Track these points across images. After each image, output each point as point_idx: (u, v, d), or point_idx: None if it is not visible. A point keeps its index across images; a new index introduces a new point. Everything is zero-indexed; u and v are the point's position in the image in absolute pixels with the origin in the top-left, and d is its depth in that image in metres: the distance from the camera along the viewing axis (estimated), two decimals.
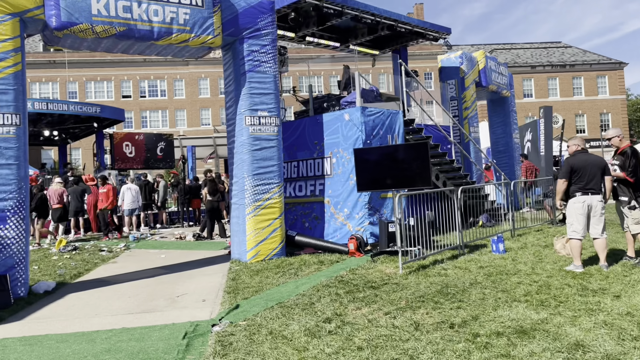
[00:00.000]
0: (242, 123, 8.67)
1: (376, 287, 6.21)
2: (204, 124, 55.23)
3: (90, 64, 52.53)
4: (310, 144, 10.00)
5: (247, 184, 8.61)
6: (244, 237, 8.66)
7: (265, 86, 8.79)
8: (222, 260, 9.40)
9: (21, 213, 6.78)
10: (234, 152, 8.88)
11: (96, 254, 11.09)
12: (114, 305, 6.30)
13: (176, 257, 10.16)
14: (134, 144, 27.17)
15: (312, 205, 9.97)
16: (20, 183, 6.79)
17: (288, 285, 6.73)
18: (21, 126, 6.86)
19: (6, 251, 6.63)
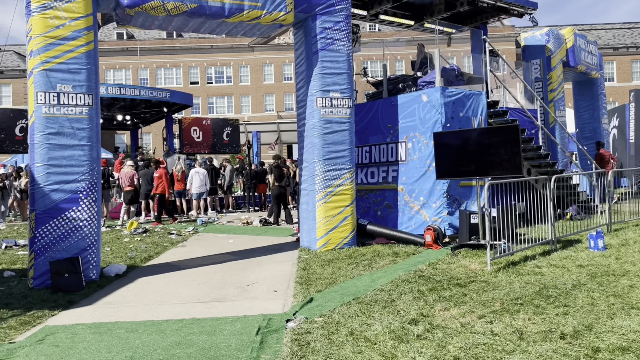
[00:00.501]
0: (313, 105, 8.22)
1: (463, 285, 5.60)
2: (268, 110, 55.68)
3: (160, 51, 54.14)
4: (383, 127, 9.42)
5: (317, 169, 8.18)
6: (313, 225, 8.26)
7: (338, 66, 8.28)
8: (290, 248, 9.08)
9: (93, 195, 6.71)
10: (304, 135, 8.46)
11: (165, 237, 11.12)
12: (184, 292, 6.09)
13: (244, 243, 9.96)
14: (202, 129, 27.59)
15: (385, 193, 9.41)
16: (92, 164, 6.71)
17: (363, 278, 6.25)
18: (94, 106, 6.76)
19: (78, 233, 6.58)
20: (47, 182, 6.44)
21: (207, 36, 56.18)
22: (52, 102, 6.49)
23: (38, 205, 6.42)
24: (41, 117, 6.46)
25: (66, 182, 6.53)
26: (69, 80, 6.58)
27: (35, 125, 6.47)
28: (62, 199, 6.50)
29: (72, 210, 6.55)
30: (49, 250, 6.41)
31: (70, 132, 6.57)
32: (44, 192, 6.43)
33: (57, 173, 6.49)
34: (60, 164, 6.51)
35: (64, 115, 6.55)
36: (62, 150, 6.52)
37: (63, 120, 6.55)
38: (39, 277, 6.34)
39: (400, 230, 8.73)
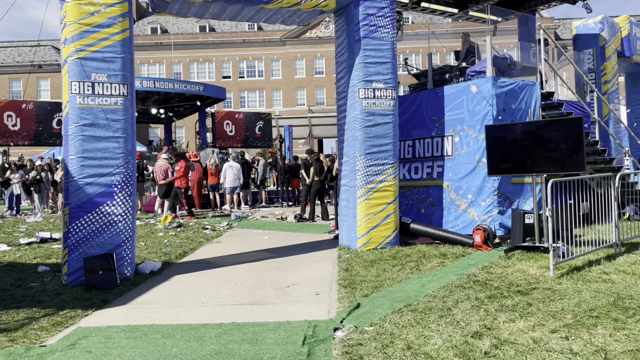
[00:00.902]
0: (354, 96, 7.78)
1: (525, 293, 5.09)
2: (299, 104, 55.45)
3: (193, 45, 54.53)
4: (428, 120, 8.90)
5: (358, 164, 7.74)
6: (354, 223, 7.84)
7: (381, 54, 7.81)
8: (328, 246, 8.69)
9: (128, 188, 6.46)
10: (345, 128, 8.03)
11: (200, 232, 10.89)
12: (221, 292, 5.77)
13: (280, 239, 9.63)
14: (234, 123, 27.48)
15: (429, 190, 8.90)
16: (127, 157, 6.45)
17: (412, 282, 5.80)
18: (129, 97, 6.50)
19: (113, 228, 6.34)
20: (82, 175, 6.22)
21: (240, 30, 56.24)
22: (87, 92, 6.26)
23: (72, 199, 6.21)
24: (75, 107, 6.23)
25: (100, 175, 6.29)
26: (103, 70, 6.33)
27: (70, 116, 6.24)
28: (97, 192, 6.27)
29: (107, 204, 6.31)
30: (83, 246, 6.19)
31: (105, 124, 6.33)
32: (78, 186, 6.21)
33: (91, 166, 6.26)
34: (95, 157, 6.28)
35: (98, 105, 6.31)
36: (96, 142, 6.28)
37: (98, 111, 6.30)
38: (72, 273, 6.13)
39: (447, 229, 8.22)
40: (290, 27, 55.77)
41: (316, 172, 12.13)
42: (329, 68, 54.80)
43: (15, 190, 14.96)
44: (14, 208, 15.10)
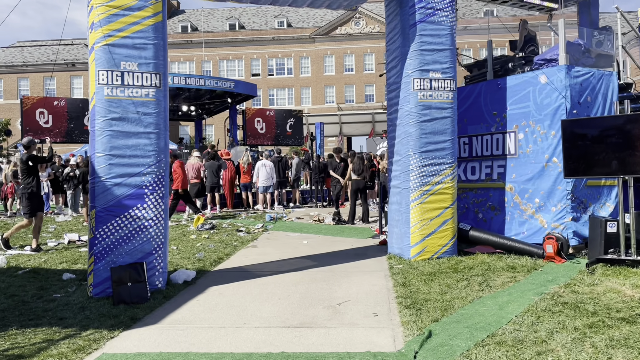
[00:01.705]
0: (408, 87, 6.96)
1: (631, 321, 4.20)
2: (329, 101, 54.76)
3: (223, 43, 54.40)
4: (487, 115, 8.01)
5: (412, 163, 6.93)
6: (407, 229, 7.02)
7: (439, 40, 6.97)
8: (375, 253, 7.90)
9: (160, 190, 5.80)
10: (396, 124, 7.22)
11: (234, 234, 10.25)
12: (264, 309, 5.05)
13: (320, 244, 8.89)
14: (265, 120, 26.95)
15: (488, 192, 8.01)
16: (159, 155, 5.80)
17: (486, 303, 4.96)
18: (161, 88, 5.84)
19: (143, 234, 5.70)
20: (109, 174, 5.59)
21: (269, 27, 55.85)
22: (115, 82, 5.62)
23: (99, 202, 5.58)
24: (103, 99, 5.60)
25: (130, 175, 5.65)
26: (134, 57, 5.69)
27: (96, 109, 5.62)
28: (126, 194, 5.63)
29: (137, 207, 5.67)
30: (110, 254, 5.56)
31: (135, 118, 5.68)
32: (105, 187, 5.58)
33: (120, 165, 5.63)
34: (124, 154, 5.64)
35: (128, 97, 5.67)
36: (126, 138, 5.65)
37: (127, 103, 5.66)
38: (99, 284, 5.51)
39: (512, 238, 7.31)
40: (320, 24, 55.08)
41: (355, 170, 11.34)
42: (359, 65, 53.94)
43: (43, 189, 14.45)
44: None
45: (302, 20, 57.87)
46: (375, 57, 53.76)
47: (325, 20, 56.18)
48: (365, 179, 11.44)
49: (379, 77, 53.73)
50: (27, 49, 53.74)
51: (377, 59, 53.70)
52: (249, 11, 60.20)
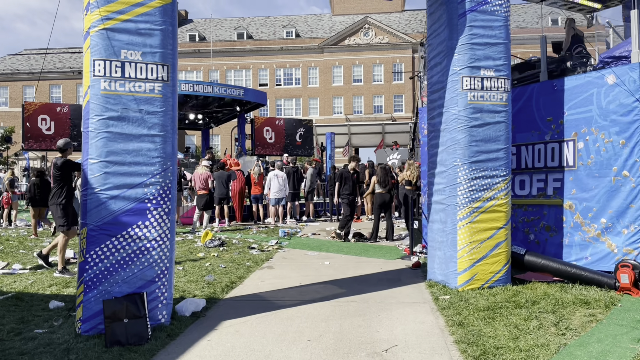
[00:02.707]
0: (456, 87, 5.98)
1: None
2: (336, 112, 54.01)
3: (230, 53, 53.88)
4: (539, 121, 7.00)
5: (461, 175, 5.92)
6: (453, 252, 5.99)
7: (492, 33, 6.00)
8: (410, 278, 6.88)
9: (166, 204, 4.81)
10: (440, 129, 6.23)
11: (246, 252, 9.24)
12: (292, 355, 4.04)
13: (344, 266, 7.87)
14: (274, 129, 26.07)
15: (542, 210, 6.97)
16: (165, 162, 4.82)
17: (574, 353, 3.91)
18: (169, 83, 4.88)
19: (145, 258, 4.70)
20: (105, 185, 4.62)
21: (277, 37, 55.30)
22: (115, 74, 4.67)
23: (91, 218, 4.60)
24: (99, 95, 4.65)
25: (130, 186, 4.68)
26: (137, 45, 4.74)
27: (91, 106, 4.66)
28: (124, 209, 4.65)
29: (138, 225, 4.68)
30: (104, 282, 4.57)
31: (138, 117, 4.72)
32: (99, 200, 4.60)
33: (118, 173, 4.65)
34: (123, 161, 4.68)
35: (129, 93, 4.71)
36: (125, 141, 4.68)
37: (128, 99, 4.71)
38: (89, 319, 4.50)
39: (577, 265, 6.24)
40: (328, 34, 54.47)
41: (380, 183, 10.33)
42: (367, 76, 53.21)
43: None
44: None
45: (311, 30, 57.36)
46: (384, 68, 53.06)
47: (334, 31, 55.63)
48: (391, 191, 10.44)
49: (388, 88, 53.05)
50: (34, 57, 53.35)
51: (386, 69, 53.01)
52: (257, 21, 59.77)
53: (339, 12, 58.76)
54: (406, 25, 55.70)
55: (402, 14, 57.95)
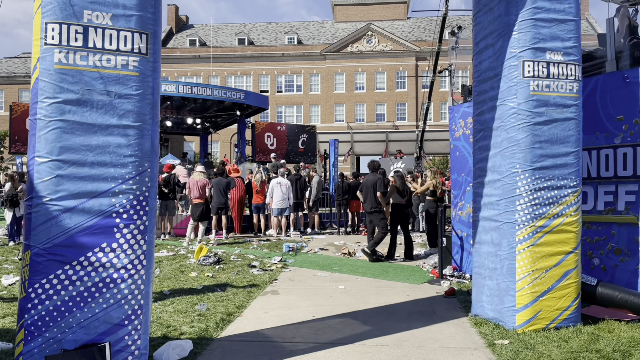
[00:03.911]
0: (514, 74, 4.75)
1: None
2: (338, 120, 52.96)
3: (231, 59, 52.93)
4: (606, 120, 5.77)
5: (521, 185, 4.68)
6: (509, 283, 4.73)
7: (561, 7, 4.78)
8: (446, 310, 5.61)
9: (141, 220, 3.56)
10: (492, 127, 4.99)
11: (245, 271, 7.97)
12: None
13: (362, 292, 6.60)
14: (276, 135, 24.93)
15: (610, 229, 5.71)
16: (141, 163, 3.58)
17: None
18: (149, 57, 3.65)
19: (110, 294, 3.44)
20: (57, 194, 3.38)
21: (279, 43, 54.33)
22: (74, 43, 3.44)
23: (37, 238, 3.35)
24: (51, 70, 3.41)
25: (92, 194, 3.44)
26: (106, 5, 3.52)
27: (41, 85, 3.43)
28: (83, 226, 3.41)
29: (102, 249, 3.43)
30: (52, 327, 3.31)
31: (105, 102, 3.49)
32: (49, 213, 3.36)
33: (75, 177, 3.41)
34: (84, 161, 3.44)
35: (93, 68, 3.48)
36: (87, 134, 3.45)
37: (92, 77, 3.48)
38: None
39: None
40: (331, 41, 53.51)
41: (400, 193, 9.06)
42: (370, 84, 52.22)
43: (18, 211, 10.97)
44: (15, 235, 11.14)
45: (313, 37, 56.47)
46: (387, 76, 52.06)
47: (336, 38, 54.73)
48: (411, 203, 9.19)
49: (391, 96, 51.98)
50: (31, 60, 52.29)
51: (389, 77, 52.01)
52: (258, 27, 58.88)
53: (341, 19, 57.94)
54: (409, 32, 54.81)
55: (406, 22, 57.10)
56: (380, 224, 8.93)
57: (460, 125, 7.37)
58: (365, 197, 9.11)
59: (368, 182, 9.08)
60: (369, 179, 9.12)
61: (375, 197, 8.91)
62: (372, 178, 9.10)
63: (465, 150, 7.29)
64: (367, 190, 9.04)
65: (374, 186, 8.95)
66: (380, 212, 8.92)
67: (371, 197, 8.98)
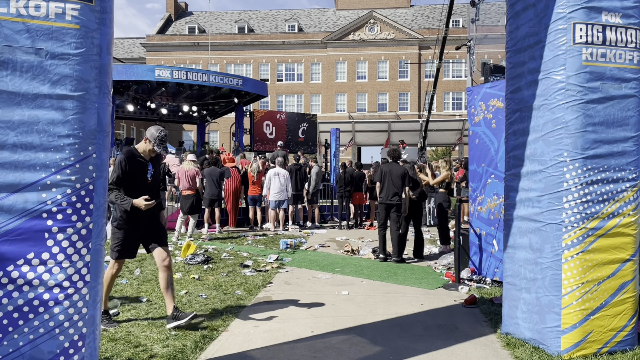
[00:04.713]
0: (562, 40, 3.84)
1: None
2: (339, 109, 52.03)
3: (231, 47, 51.90)
4: None
5: (569, 177, 3.79)
6: (553, 298, 3.85)
7: None
8: (469, 324, 4.74)
9: (83, 222, 2.68)
10: (532, 106, 4.08)
11: (237, 272, 7.12)
12: None
13: (369, 299, 5.74)
14: (275, 124, 23.98)
15: None
16: (84, 146, 2.69)
17: None
18: (94, 5, 2.74)
19: (39, 321, 2.57)
20: None
21: (279, 31, 53.20)
22: None
23: None
24: None
25: (13, 187, 2.56)
26: None
27: None
28: (0, 231, 2.52)
29: (28, 261, 2.56)
30: None
31: (32, 63, 2.60)
32: None
33: None
34: (2, 143, 2.55)
35: (16, 18, 2.59)
36: (6, 106, 2.57)
37: (14, 30, 2.59)
38: None
39: None
40: (332, 29, 52.35)
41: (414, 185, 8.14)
42: (372, 73, 51.16)
43: None
44: None
45: (314, 24, 55.33)
46: (390, 65, 50.96)
47: (337, 25, 53.60)
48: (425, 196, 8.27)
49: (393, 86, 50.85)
50: None
51: (391, 66, 50.92)
52: (258, 14, 57.70)
53: (343, 7, 56.75)
54: (412, 21, 53.64)
55: (409, 10, 55.90)
56: (400, 220, 7.95)
57: (480, 109, 6.47)
58: (389, 188, 7.92)
59: (395, 173, 7.90)
60: (395, 169, 7.95)
61: (402, 190, 7.83)
62: (399, 168, 7.95)
63: (486, 136, 6.40)
64: (393, 181, 7.84)
65: (404, 178, 7.84)
66: (401, 206, 7.90)
67: (398, 190, 7.83)
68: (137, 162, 4.48)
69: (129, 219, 4.45)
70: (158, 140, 4.47)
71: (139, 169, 4.48)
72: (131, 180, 4.43)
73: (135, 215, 4.44)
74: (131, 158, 4.47)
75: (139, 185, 4.47)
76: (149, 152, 4.53)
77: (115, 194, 4.34)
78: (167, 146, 4.53)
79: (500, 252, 6.14)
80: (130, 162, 4.44)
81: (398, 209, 7.88)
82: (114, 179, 4.34)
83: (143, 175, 4.51)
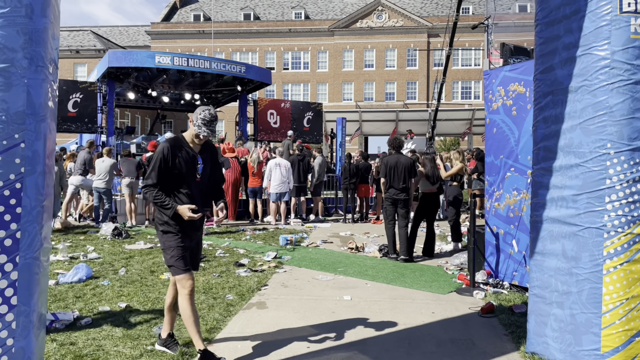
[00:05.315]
0: (606, 9, 3.20)
1: None
2: (346, 99, 51.29)
3: (236, 34, 51.21)
4: None
5: (612, 173, 3.18)
6: (592, 315, 3.25)
7: None
8: (487, 338, 4.16)
9: (7, 229, 2.10)
10: (568, 89, 3.45)
11: (231, 272, 6.57)
12: None
13: (374, 306, 5.16)
14: (279, 113, 23.31)
15: None
16: (7, 133, 2.10)
17: None
18: None
19: None
20: None
21: (286, 19, 52.35)
22: None
23: None
24: None
25: None
26: None
27: None
28: None
29: None
30: None
31: None
32: None
33: None
34: None
35: None
36: None
37: None
38: None
39: None
40: (339, 17, 51.44)
41: (429, 178, 7.51)
42: (380, 61, 50.26)
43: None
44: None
45: (321, 12, 54.39)
46: (398, 53, 50.04)
47: (345, 13, 52.63)
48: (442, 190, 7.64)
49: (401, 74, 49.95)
50: None
51: (399, 54, 50.01)
52: (264, 1, 56.81)
53: None
54: (421, 8, 52.56)
55: None
56: (408, 215, 7.35)
57: (499, 94, 5.83)
58: (399, 181, 7.30)
59: (401, 165, 7.30)
60: (400, 161, 7.32)
61: (409, 183, 7.22)
62: (405, 160, 7.31)
63: (505, 125, 5.76)
64: (399, 175, 7.21)
65: (410, 170, 7.23)
66: (408, 201, 7.31)
67: (405, 182, 7.22)
68: (183, 154, 3.47)
69: (177, 224, 3.52)
70: (201, 121, 3.40)
71: (186, 162, 3.47)
72: (176, 178, 3.47)
73: (182, 222, 3.50)
74: (177, 147, 3.46)
75: (189, 183, 3.50)
76: (194, 138, 3.52)
77: (154, 195, 3.43)
78: (215, 129, 3.46)
79: (520, 254, 5.53)
80: (175, 152, 3.43)
81: (406, 204, 7.28)
82: (153, 176, 3.43)
83: (191, 171, 3.51)
